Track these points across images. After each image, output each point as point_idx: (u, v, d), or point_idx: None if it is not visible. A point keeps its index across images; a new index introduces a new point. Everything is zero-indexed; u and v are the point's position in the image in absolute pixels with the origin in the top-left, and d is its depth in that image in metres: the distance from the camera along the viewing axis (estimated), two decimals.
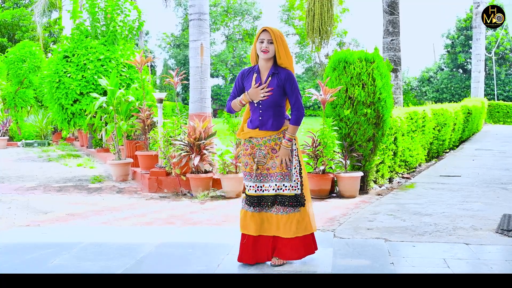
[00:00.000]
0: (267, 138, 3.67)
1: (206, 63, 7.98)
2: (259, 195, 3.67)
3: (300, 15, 33.51)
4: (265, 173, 3.67)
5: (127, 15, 10.81)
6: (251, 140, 3.72)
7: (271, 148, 3.67)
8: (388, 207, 5.78)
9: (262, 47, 3.57)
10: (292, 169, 3.67)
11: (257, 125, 3.68)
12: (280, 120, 3.68)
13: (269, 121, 3.65)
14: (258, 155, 3.68)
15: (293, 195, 3.66)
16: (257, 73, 3.67)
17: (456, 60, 36.01)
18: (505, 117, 23.96)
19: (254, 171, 3.67)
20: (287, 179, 3.65)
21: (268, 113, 3.64)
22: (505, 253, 4.04)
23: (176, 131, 7.50)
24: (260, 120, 3.67)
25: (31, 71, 16.52)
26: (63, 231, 5.01)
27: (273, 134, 3.67)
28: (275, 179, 3.65)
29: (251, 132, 3.71)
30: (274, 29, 3.60)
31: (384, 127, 6.75)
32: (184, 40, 39.40)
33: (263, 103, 3.63)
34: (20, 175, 9.25)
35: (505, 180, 7.51)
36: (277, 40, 3.56)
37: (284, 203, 3.65)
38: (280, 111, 3.68)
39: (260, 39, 3.58)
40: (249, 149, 3.72)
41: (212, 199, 6.64)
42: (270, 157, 3.67)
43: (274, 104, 3.63)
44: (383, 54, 10.74)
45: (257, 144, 3.70)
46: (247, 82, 3.71)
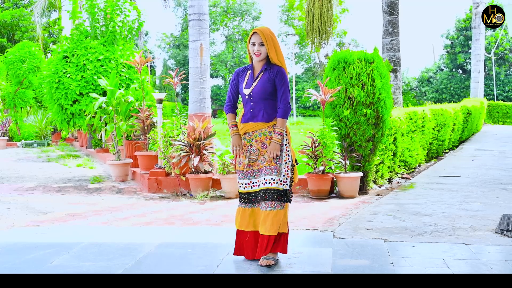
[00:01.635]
0: (258, 131, 3.74)
1: (206, 64, 7.98)
2: (252, 191, 3.76)
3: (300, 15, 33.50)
4: (256, 169, 3.74)
5: (126, 15, 10.81)
6: (245, 136, 3.79)
7: (261, 142, 3.73)
8: (387, 207, 5.78)
9: (254, 50, 3.69)
10: (281, 164, 3.71)
11: (248, 117, 3.76)
12: (272, 114, 3.74)
13: (260, 112, 3.72)
14: (249, 151, 3.74)
15: (281, 189, 3.69)
16: (251, 70, 3.79)
17: (455, 61, 36.03)
18: (505, 117, 23.98)
19: (245, 169, 3.75)
20: (275, 173, 3.68)
21: (259, 105, 3.72)
22: (505, 253, 4.05)
23: (175, 131, 7.50)
24: (251, 112, 3.75)
25: (30, 71, 16.51)
26: (63, 231, 5.01)
27: (263, 127, 3.72)
28: (264, 173, 3.70)
29: (244, 127, 3.78)
30: (264, 30, 3.69)
31: (383, 127, 6.76)
32: (184, 41, 39.40)
33: (254, 95, 3.72)
34: (19, 175, 9.24)
35: (504, 180, 7.52)
36: (267, 42, 3.66)
37: (273, 197, 3.67)
38: (272, 104, 3.74)
39: (252, 42, 3.70)
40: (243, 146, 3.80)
41: (211, 199, 6.64)
42: (260, 152, 3.73)
43: (265, 95, 3.71)
44: (382, 54, 10.75)
45: (248, 140, 3.76)
46: (241, 80, 3.82)
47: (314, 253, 4.06)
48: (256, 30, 3.69)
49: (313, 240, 4.51)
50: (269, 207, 3.68)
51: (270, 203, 3.68)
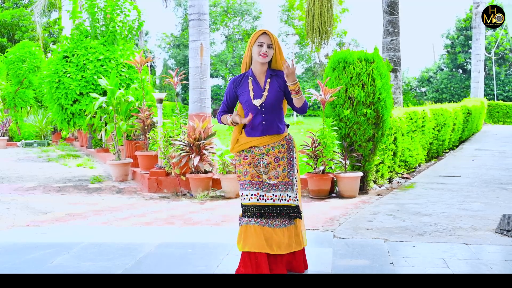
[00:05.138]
0: (270, 145, 3.43)
1: (206, 63, 7.98)
2: (261, 205, 3.36)
3: (300, 15, 33.51)
4: (266, 182, 3.40)
5: (126, 15, 10.81)
6: (252, 150, 3.44)
7: (274, 156, 3.43)
8: (387, 207, 5.78)
9: (262, 51, 3.34)
10: (293, 179, 3.47)
11: (262, 130, 3.41)
12: (283, 124, 3.49)
13: (274, 124, 3.42)
14: (260, 165, 3.42)
15: (294, 206, 3.44)
16: (252, 78, 3.44)
17: (455, 60, 36.04)
18: (505, 117, 23.98)
19: (252, 179, 3.40)
20: (290, 189, 3.43)
21: (272, 116, 3.42)
22: (505, 253, 4.05)
23: (175, 131, 7.50)
24: (264, 125, 3.41)
25: (30, 71, 16.52)
26: (63, 231, 5.01)
27: (277, 140, 3.44)
28: (278, 189, 3.41)
29: (253, 141, 3.42)
30: (272, 32, 3.45)
31: (383, 127, 6.75)
32: (184, 40, 39.40)
33: (266, 106, 3.40)
34: (19, 175, 9.24)
35: (504, 180, 7.52)
36: (275, 45, 3.39)
37: (288, 214, 3.42)
38: (282, 114, 3.50)
39: (259, 42, 3.34)
40: (249, 159, 3.44)
41: (211, 199, 6.64)
42: (272, 166, 3.42)
43: (277, 106, 3.44)
44: (382, 54, 10.74)
45: (258, 154, 3.43)
46: (242, 90, 3.47)
47: (314, 253, 4.06)
48: (266, 31, 3.38)
49: (313, 240, 4.50)
50: (287, 224, 3.42)
51: (288, 221, 3.43)
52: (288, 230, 3.43)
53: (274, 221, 3.38)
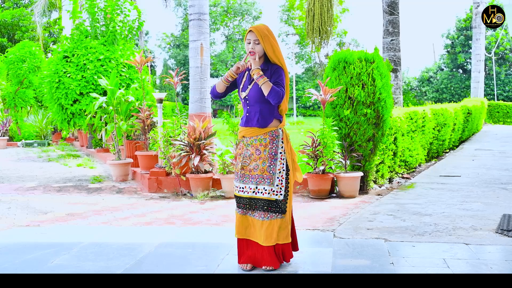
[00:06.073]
0: (253, 137, 3.58)
1: (206, 63, 7.98)
2: (240, 196, 3.61)
3: (300, 15, 33.51)
4: (247, 174, 3.58)
5: (126, 15, 10.81)
6: (243, 139, 3.66)
7: (255, 148, 3.57)
8: (388, 207, 5.78)
9: (249, 49, 3.52)
10: (275, 173, 3.53)
11: (244, 122, 3.63)
12: (268, 118, 3.55)
13: (255, 117, 3.55)
14: (243, 155, 3.61)
15: (273, 200, 3.52)
16: (248, 71, 3.66)
17: (456, 60, 36.04)
18: (505, 117, 23.98)
19: (239, 171, 3.61)
20: (268, 183, 3.52)
21: (255, 108, 3.55)
22: (505, 253, 4.04)
23: (176, 131, 7.50)
24: (247, 116, 3.60)
25: (31, 71, 16.52)
26: (63, 231, 5.01)
27: (259, 133, 3.55)
28: (255, 181, 3.55)
29: (242, 131, 3.66)
30: (259, 27, 3.51)
31: (384, 127, 6.75)
32: (184, 40, 39.41)
33: (250, 98, 3.56)
34: (20, 175, 9.25)
35: (504, 180, 7.51)
36: (263, 39, 3.47)
37: (263, 207, 3.53)
38: (269, 108, 3.54)
39: (247, 40, 3.54)
40: (240, 149, 3.66)
41: (212, 199, 6.64)
42: (253, 158, 3.56)
43: (260, 99, 3.52)
44: (383, 54, 10.74)
45: (246, 144, 3.63)
46: (238, 81, 3.69)
47: (314, 253, 4.06)
48: (251, 28, 3.51)
49: (313, 240, 4.50)
50: (262, 217, 3.54)
51: (263, 214, 3.54)
52: (270, 224, 3.52)
53: (254, 212, 3.60)
